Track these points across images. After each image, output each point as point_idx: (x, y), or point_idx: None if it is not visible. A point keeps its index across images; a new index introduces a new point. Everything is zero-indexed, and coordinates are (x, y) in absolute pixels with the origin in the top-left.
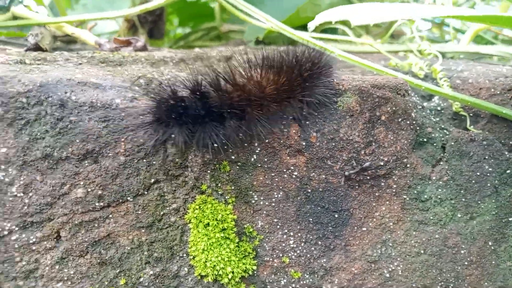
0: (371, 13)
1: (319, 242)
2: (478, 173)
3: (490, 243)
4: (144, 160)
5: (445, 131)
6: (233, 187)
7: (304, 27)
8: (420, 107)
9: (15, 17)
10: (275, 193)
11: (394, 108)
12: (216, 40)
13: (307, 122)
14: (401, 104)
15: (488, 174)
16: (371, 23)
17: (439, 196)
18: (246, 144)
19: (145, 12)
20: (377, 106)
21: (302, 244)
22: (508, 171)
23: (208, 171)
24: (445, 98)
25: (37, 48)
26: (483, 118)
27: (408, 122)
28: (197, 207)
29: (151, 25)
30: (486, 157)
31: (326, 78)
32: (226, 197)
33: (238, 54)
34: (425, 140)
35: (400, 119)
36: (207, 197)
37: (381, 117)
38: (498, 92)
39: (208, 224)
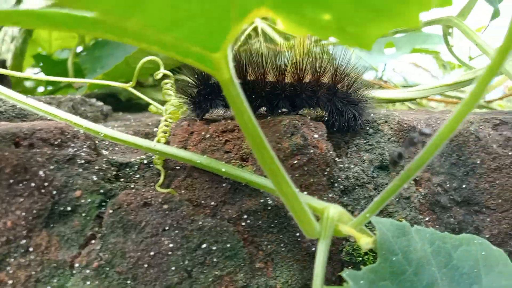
0: None
1: None
2: (139, 253)
3: None
4: None
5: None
6: None
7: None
8: (86, 161)
9: None
10: None
11: (9, 165)
12: None
13: None
14: (12, 160)
15: (171, 253)
16: None
17: None
18: None
19: None
20: None
21: None
22: (204, 245)
23: None
24: None
25: None
26: (183, 173)
27: (44, 184)
28: None
29: None
30: (167, 228)
31: None
32: None
33: None
34: (69, 209)
35: (20, 179)
36: None
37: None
38: (209, 136)
39: None
